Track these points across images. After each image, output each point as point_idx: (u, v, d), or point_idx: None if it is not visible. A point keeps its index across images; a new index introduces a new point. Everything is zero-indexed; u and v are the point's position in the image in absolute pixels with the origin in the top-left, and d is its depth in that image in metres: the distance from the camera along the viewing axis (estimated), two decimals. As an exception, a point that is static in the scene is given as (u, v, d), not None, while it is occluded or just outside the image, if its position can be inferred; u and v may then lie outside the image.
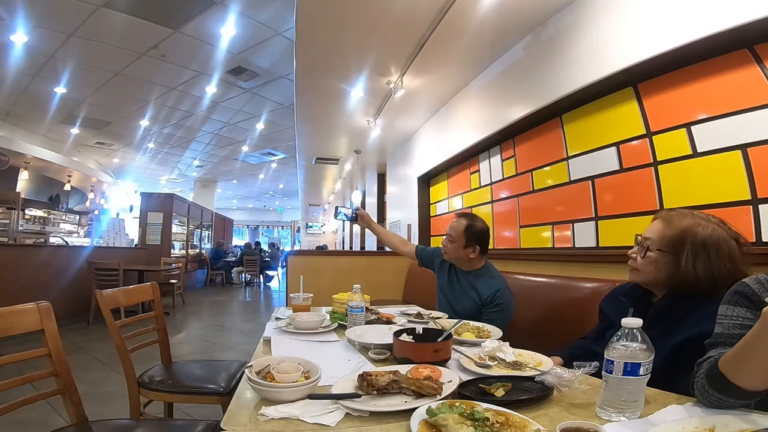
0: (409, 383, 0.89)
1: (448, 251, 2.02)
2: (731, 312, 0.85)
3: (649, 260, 1.13)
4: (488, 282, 1.92)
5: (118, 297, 1.66)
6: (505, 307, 1.85)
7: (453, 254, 1.99)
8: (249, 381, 0.89)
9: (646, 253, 1.13)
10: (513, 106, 3.01)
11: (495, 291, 1.87)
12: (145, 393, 1.59)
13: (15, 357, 1.14)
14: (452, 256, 2.01)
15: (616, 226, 2.25)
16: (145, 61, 5.20)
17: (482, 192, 3.67)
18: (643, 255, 1.14)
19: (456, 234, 1.95)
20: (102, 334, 4.47)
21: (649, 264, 1.13)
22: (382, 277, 4.03)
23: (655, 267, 1.12)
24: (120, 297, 1.67)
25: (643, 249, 1.14)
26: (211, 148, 9.56)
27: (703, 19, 1.71)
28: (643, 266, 1.14)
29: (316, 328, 1.58)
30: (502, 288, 1.88)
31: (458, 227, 1.96)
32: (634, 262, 1.17)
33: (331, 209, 13.99)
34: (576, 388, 0.88)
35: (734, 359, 0.75)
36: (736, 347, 0.75)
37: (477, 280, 1.96)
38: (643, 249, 1.14)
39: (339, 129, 5.46)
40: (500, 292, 1.87)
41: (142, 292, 1.84)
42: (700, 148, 1.82)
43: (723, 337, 0.84)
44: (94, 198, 12.12)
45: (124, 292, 1.72)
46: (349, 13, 2.75)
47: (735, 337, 0.80)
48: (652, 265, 1.12)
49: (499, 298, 1.86)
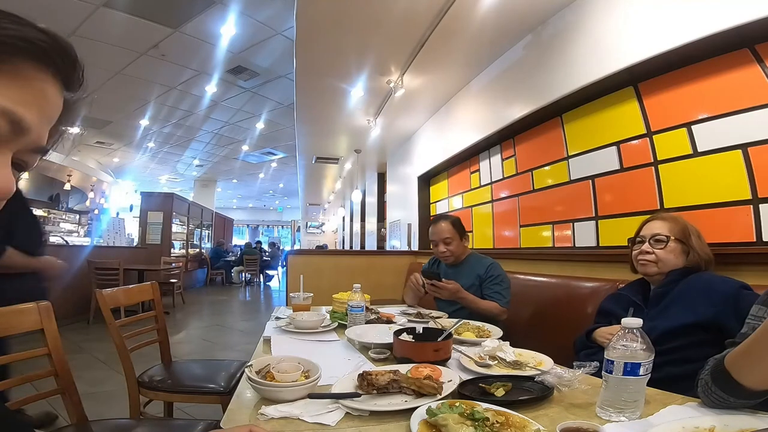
0: (409, 383, 0.89)
1: (452, 253, 2.11)
2: (762, 313, 0.84)
3: (669, 249, 1.33)
4: (480, 261, 2.12)
5: (118, 296, 1.66)
6: (501, 278, 2.02)
7: (456, 252, 2.12)
8: (249, 380, 0.89)
9: (666, 245, 1.33)
10: (513, 105, 3.01)
11: (488, 265, 2.06)
12: (145, 392, 1.59)
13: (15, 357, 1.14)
14: (456, 255, 2.13)
15: (617, 225, 2.25)
16: (145, 60, 5.20)
17: (482, 191, 3.67)
18: (663, 247, 1.33)
19: (451, 234, 2.10)
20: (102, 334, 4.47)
21: (670, 253, 1.33)
22: (382, 277, 4.03)
23: (674, 255, 1.33)
24: (120, 296, 1.67)
25: (660, 242, 1.34)
26: (211, 148, 9.55)
27: (704, 19, 1.71)
28: (665, 256, 1.33)
29: (316, 327, 1.58)
30: (492, 262, 2.09)
31: (447, 228, 2.11)
32: (651, 255, 1.34)
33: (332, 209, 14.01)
34: (576, 388, 0.88)
35: (741, 357, 0.74)
36: (743, 344, 0.74)
37: (470, 264, 2.12)
38: (660, 242, 1.34)
39: (339, 128, 5.45)
40: (492, 265, 2.07)
41: (142, 291, 1.84)
42: (701, 148, 1.82)
43: (746, 337, 0.79)
44: (94, 197, 12.12)
45: (124, 292, 1.73)
46: (349, 12, 2.74)
47: None
48: (672, 254, 1.33)
49: (491, 269, 2.04)
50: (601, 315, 1.44)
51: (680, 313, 1.18)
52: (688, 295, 1.21)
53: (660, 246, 1.33)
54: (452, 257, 2.12)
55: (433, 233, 2.14)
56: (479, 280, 2.04)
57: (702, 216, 1.77)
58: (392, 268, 4.13)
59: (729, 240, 1.69)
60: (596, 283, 1.95)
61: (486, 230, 3.54)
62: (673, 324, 1.17)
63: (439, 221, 2.13)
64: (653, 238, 1.34)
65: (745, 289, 1.15)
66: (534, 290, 2.24)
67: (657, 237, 1.34)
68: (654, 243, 1.34)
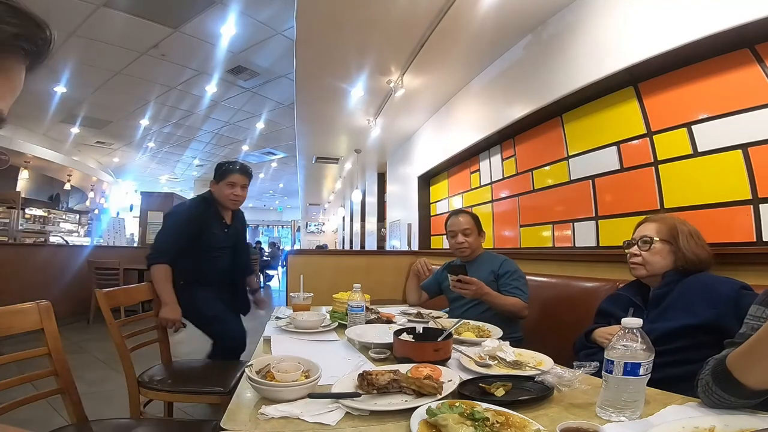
0: (410, 382, 0.89)
1: (469, 245, 2.13)
2: (761, 313, 0.83)
3: (655, 251, 1.33)
4: (493, 258, 2.12)
5: (119, 296, 1.66)
6: (518, 273, 2.02)
7: (473, 245, 2.14)
8: (249, 380, 0.89)
9: (650, 247, 1.33)
10: (513, 105, 3.01)
11: (502, 261, 2.07)
12: (145, 392, 1.59)
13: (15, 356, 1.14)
14: (473, 248, 2.14)
15: (617, 225, 2.25)
16: (145, 60, 5.20)
17: (482, 191, 3.67)
18: (648, 249, 1.33)
19: (470, 226, 2.12)
20: (102, 334, 4.47)
21: (656, 254, 1.33)
22: (382, 277, 4.03)
23: (661, 256, 1.32)
24: (120, 296, 1.67)
25: (646, 244, 1.34)
26: (212, 148, 9.55)
27: (704, 19, 1.71)
28: (651, 258, 1.33)
29: (316, 327, 1.58)
30: (505, 258, 2.10)
31: (468, 219, 2.13)
32: (638, 258, 1.35)
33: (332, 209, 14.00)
34: (576, 388, 0.88)
35: (744, 356, 0.74)
36: (746, 344, 0.74)
37: (484, 260, 2.13)
38: (646, 244, 1.34)
39: (339, 128, 5.45)
40: (506, 261, 2.07)
41: (142, 291, 1.84)
42: (701, 148, 1.82)
43: (745, 338, 0.80)
44: (94, 197, 12.12)
45: (124, 291, 1.73)
46: (349, 12, 2.74)
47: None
48: (659, 255, 1.32)
49: (506, 265, 2.04)
50: (600, 316, 1.44)
51: (680, 314, 1.18)
52: (687, 297, 1.21)
53: (645, 248, 1.34)
54: (469, 250, 2.12)
55: (453, 224, 2.14)
56: (494, 275, 2.02)
57: (702, 216, 1.77)
58: (392, 268, 4.12)
59: (729, 240, 1.69)
60: (596, 283, 1.95)
61: (486, 230, 3.50)
62: (673, 325, 1.17)
63: (459, 214, 2.17)
64: (641, 240, 1.36)
65: (745, 289, 1.15)
66: (534, 290, 2.23)
67: (644, 239, 1.35)
68: (642, 245, 1.35)
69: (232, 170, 2.16)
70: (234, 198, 2.18)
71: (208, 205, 2.18)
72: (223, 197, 2.17)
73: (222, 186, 2.16)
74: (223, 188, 2.16)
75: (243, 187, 2.20)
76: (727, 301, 1.12)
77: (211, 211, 2.18)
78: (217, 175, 2.19)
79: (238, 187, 2.17)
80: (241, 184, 2.18)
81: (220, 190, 2.17)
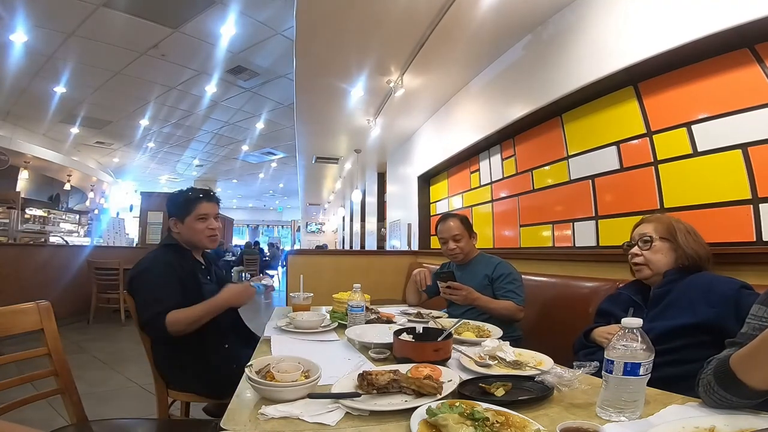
0: (409, 382, 0.89)
1: (461, 250, 2.11)
2: (763, 312, 0.83)
3: (655, 249, 1.33)
4: (488, 260, 2.11)
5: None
6: (513, 276, 2.00)
7: (465, 250, 2.12)
8: (249, 380, 0.89)
9: (651, 245, 1.33)
10: (513, 105, 3.01)
11: (496, 264, 2.05)
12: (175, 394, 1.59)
13: (15, 357, 1.14)
14: (465, 252, 2.12)
15: (617, 225, 2.25)
16: (145, 60, 5.20)
17: (482, 191, 3.67)
18: (648, 248, 1.34)
19: (460, 231, 2.09)
20: (102, 334, 4.48)
21: (657, 253, 1.33)
22: (382, 277, 4.03)
23: (663, 254, 1.33)
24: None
25: (646, 243, 1.34)
26: (211, 148, 9.55)
27: (704, 19, 1.71)
28: (652, 256, 1.33)
29: (316, 327, 1.58)
30: (500, 261, 2.09)
31: (457, 224, 2.10)
32: (640, 258, 1.35)
33: (332, 209, 14.00)
34: (576, 388, 0.88)
35: (748, 356, 0.73)
36: (751, 344, 0.74)
37: (478, 264, 2.11)
38: (646, 243, 1.34)
39: (339, 128, 5.45)
40: (500, 264, 2.06)
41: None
42: (701, 148, 1.82)
43: (746, 337, 0.80)
44: (94, 197, 12.13)
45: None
46: (349, 12, 2.74)
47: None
48: (660, 253, 1.33)
49: (500, 268, 2.03)
50: (600, 315, 1.44)
51: (680, 314, 1.18)
52: (687, 296, 1.20)
53: (646, 247, 1.34)
54: (462, 254, 2.12)
55: (442, 231, 2.13)
56: (488, 279, 2.02)
57: (702, 216, 1.77)
58: (392, 268, 4.12)
59: (729, 240, 1.69)
60: (596, 283, 1.95)
61: (486, 230, 3.54)
62: (673, 324, 1.16)
63: (448, 219, 2.13)
64: (641, 240, 1.36)
65: (745, 288, 1.15)
66: (534, 290, 2.24)
67: (643, 238, 1.36)
68: (642, 244, 1.35)
69: (199, 199, 1.70)
70: (212, 234, 1.73)
71: (180, 250, 1.71)
72: (197, 235, 1.70)
73: (191, 222, 1.68)
74: (193, 225, 1.68)
75: (216, 218, 1.75)
76: (727, 300, 1.11)
77: (187, 256, 1.72)
78: (179, 210, 1.69)
79: (211, 218, 1.72)
80: (213, 214, 1.73)
81: (189, 228, 1.69)
